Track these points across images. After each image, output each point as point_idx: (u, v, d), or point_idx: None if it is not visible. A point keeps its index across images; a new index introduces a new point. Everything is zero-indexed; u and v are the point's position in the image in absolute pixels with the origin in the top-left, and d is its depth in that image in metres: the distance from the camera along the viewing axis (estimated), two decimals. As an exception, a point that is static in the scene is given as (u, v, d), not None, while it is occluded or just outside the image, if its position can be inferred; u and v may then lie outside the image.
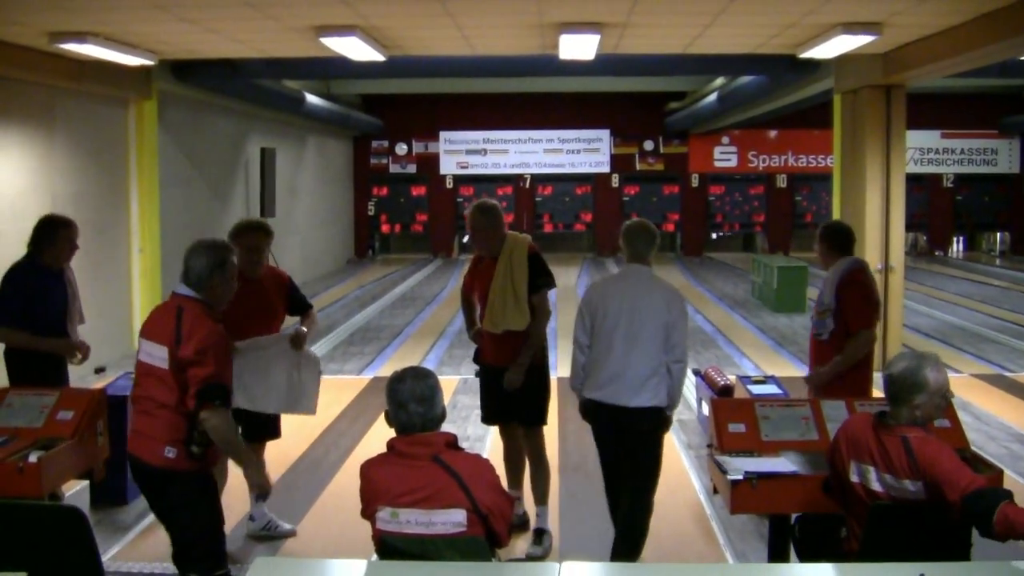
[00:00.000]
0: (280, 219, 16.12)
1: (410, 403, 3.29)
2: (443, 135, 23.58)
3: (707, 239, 23.93)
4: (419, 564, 3.12)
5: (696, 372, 7.43)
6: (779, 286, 14.17)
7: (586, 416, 4.82)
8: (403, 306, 15.23)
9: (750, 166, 23.77)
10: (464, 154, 23.68)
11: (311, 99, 16.48)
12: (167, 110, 11.82)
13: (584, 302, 4.76)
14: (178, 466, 3.78)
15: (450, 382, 9.19)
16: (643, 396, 4.56)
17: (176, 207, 12.13)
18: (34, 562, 3.13)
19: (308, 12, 7.32)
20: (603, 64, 10.17)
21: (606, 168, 23.70)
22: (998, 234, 24.19)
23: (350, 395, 8.95)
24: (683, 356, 4.62)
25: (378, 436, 6.83)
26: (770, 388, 6.13)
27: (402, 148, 23.71)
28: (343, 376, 9.93)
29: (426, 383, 3.33)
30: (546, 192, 23.89)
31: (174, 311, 3.82)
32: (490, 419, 5.57)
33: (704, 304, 15.00)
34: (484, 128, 23.48)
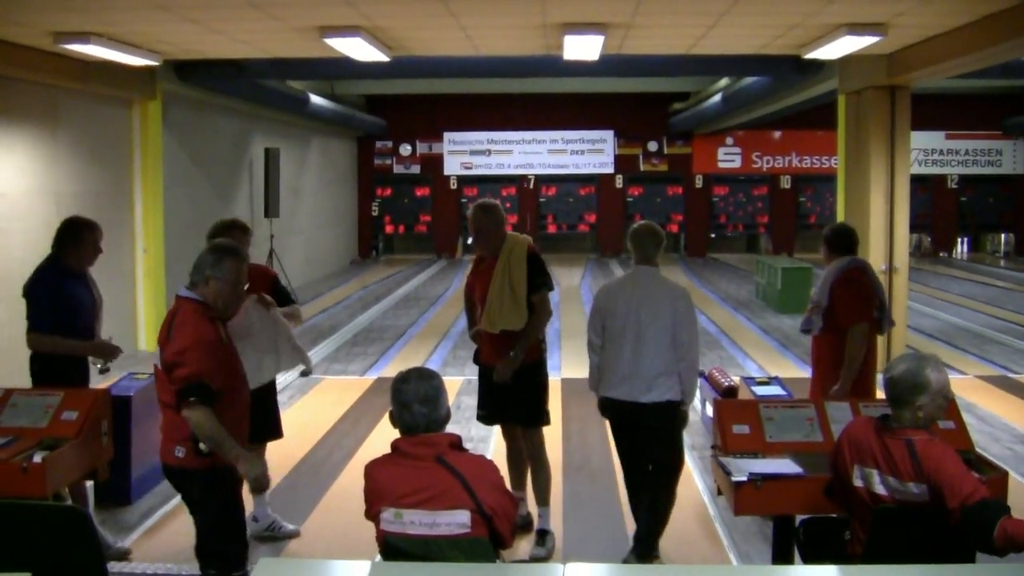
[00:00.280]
0: (284, 219, 16.14)
1: (414, 404, 3.29)
2: (447, 136, 23.58)
3: (710, 240, 23.91)
4: (423, 565, 3.12)
5: (700, 373, 7.42)
6: (783, 287, 14.16)
7: (604, 413, 5.03)
8: (407, 307, 15.22)
9: (754, 167, 23.74)
10: (468, 155, 23.67)
11: (315, 99, 16.48)
12: (171, 110, 11.83)
13: (595, 305, 5.00)
14: (189, 465, 3.82)
15: (454, 383, 9.18)
16: (656, 392, 4.77)
17: (180, 207, 12.13)
18: (38, 562, 3.13)
19: (311, 12, 7.32)
20: (607, 65, 10.15)
21: (610, 169, 23.68)
22: (1002, 235, 24.12)
23: (354, 396, 8.94)
24: (690, 354, 4.77)
25: (382, 437, 6.83)
26: (774, 389, 6.11)
27: (406, 149, 23.72)
28: (347, 377, 9.92)
29: (430, 384, 3.34)
30: (550, 193, 23.87)
31: (172, 313, 3.89)
32: (485, 419, 5.57)
33: (708, 305, 14.97)
34: (488, 129, 23.46)
